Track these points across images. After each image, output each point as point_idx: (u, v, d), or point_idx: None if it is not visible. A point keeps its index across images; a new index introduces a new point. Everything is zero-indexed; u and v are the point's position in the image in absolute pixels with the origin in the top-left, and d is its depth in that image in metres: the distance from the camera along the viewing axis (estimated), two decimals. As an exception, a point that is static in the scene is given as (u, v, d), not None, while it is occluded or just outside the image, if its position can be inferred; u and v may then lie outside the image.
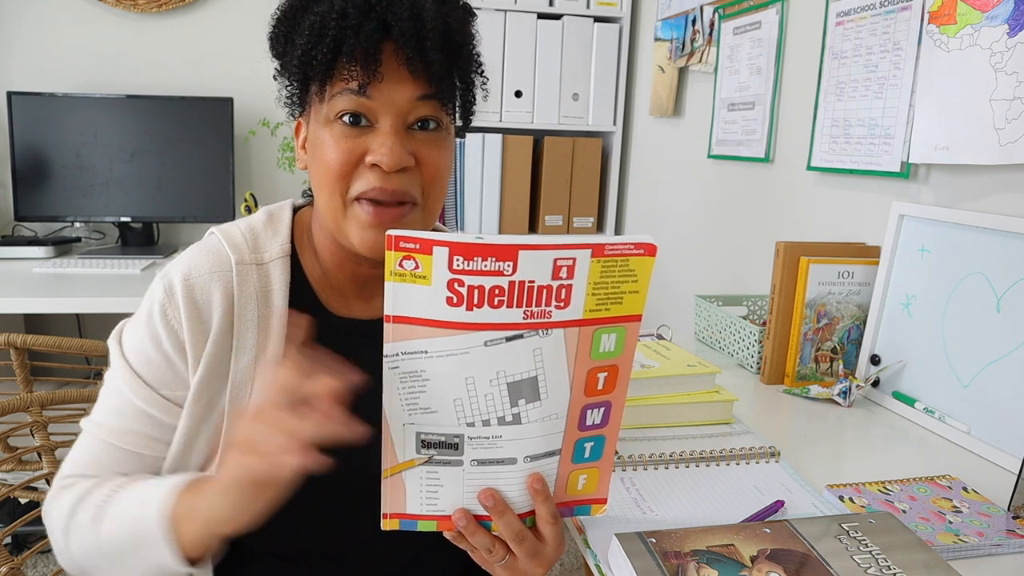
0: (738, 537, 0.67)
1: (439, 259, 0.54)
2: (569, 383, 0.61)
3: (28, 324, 2.26)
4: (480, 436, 0.61)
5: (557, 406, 0.62)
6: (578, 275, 0.56)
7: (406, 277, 0.55)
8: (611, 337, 0.60)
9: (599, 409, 0.63)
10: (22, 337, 1.39)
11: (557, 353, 0.59)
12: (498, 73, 2.24)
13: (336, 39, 0.66)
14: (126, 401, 0.73)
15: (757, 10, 1.62)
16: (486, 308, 0.55)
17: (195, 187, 2.15)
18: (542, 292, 0.56)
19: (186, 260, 0.74)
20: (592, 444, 0.65)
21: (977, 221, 1.01)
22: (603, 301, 0.58)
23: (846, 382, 1.12)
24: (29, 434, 1.13)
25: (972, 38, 1.04)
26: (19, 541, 1.94)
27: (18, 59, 2.18)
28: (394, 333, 0.57)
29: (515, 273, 0.55)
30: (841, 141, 1.34)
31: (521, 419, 0.61)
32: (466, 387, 0.59)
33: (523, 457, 0.63)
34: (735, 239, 1.77)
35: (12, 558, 0.95)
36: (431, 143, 0.71)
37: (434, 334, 0.56)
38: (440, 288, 0.55)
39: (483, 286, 0.55)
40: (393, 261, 0.54)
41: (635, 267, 0.58)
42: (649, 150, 2.25)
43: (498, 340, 0.57)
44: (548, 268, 0.55)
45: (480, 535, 0.65)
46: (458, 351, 0.57)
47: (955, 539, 0.72)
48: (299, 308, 0.76)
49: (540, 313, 0.57)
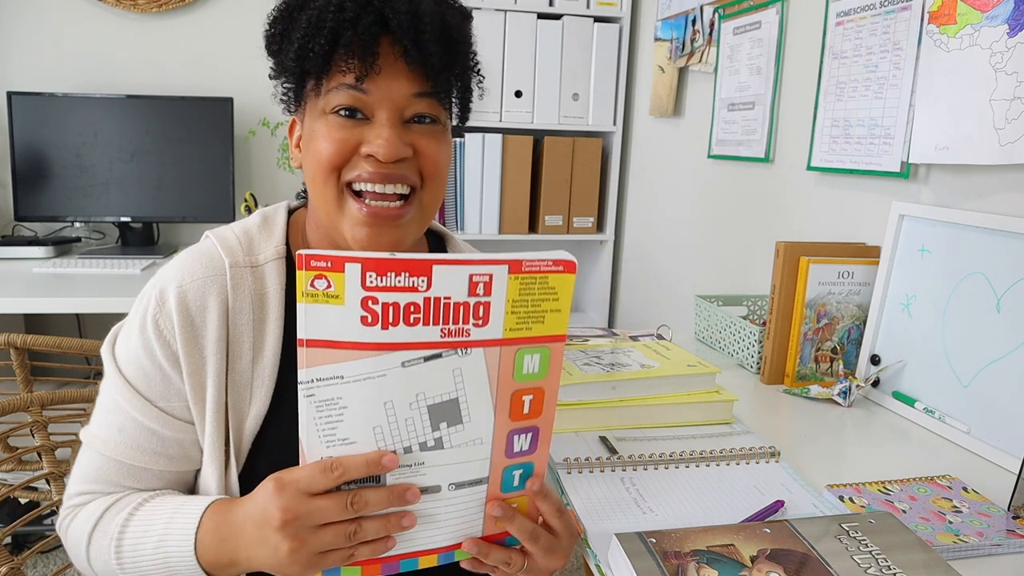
0: (738, 537, 0.67)
1: (351, 276, 0.52)
2: (492, 406, 0.59)
3: (28, 324, 2.26)
4: (402, 464, 0.58)
5: (480, 430, 0.59)
6: (496, 292, 0.55)
7: (318, 297, 0.53)
8: (534, 358, 0.58)
9: (526, 435, 0.61)
10: (22, 337, 1.39)
11: (478, 374, 0.57)
12: (498, 73, 2.24)
13: (333, 31, 0.66)
14: (125, 415, 0.72)
15: (757, 10, 1.62)
16: (402, 326, 0.54)
17: (195, 187, 2.15)
18: (459, 309, 0.55)
19: (179, 266, 0.74)
20: (520, 472, 0.63)
21: (977, 221, 1.01)
22: (524, 320, 0.57)
23: (846, 382, 1.12)
24: (29, 434, 1.13)
25: (972, 38, 1.04)
26: (19, 541, 1.94)
27: (18, 59, 2.18)
28: (308, 358, 0.54)
29: (430, 289, 0.53)
30: (841, 141, 1.34)
31: (444, 443, 0.58)
32: (385, 412, 0.56)
33: (448, 484, 0.60)
34: (735, 239, 1.77)
35: (12, 558, 0.95)
36: (429, 135, 0.71)
37: (349, 357, 0.54)
38: (354, 307, 0.53)
39: (398, 303, 0.53)
40: (305, 281, 0.52)
41: (555, 284, 0.56)
42: (649, 150, 2.25)
43: (416, 360, 0.55)
44: (464, 284, 0.54)
45: (494, 552, 0.64)
46: (375, 374, 0.55)
47: (955, 539, 0.72)
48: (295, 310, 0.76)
49: (458, 331, 0.55)
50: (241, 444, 0.73)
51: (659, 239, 2.19)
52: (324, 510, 0.57)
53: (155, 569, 0.67)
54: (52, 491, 1.10)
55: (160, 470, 0.73)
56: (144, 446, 0.72)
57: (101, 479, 0.73)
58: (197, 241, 0.78)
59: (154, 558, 0.67)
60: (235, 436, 0.72)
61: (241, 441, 0.73)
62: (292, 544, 0.57)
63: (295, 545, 0.57)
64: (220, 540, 0.65)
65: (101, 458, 0.73)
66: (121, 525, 0.69)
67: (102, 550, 0.69)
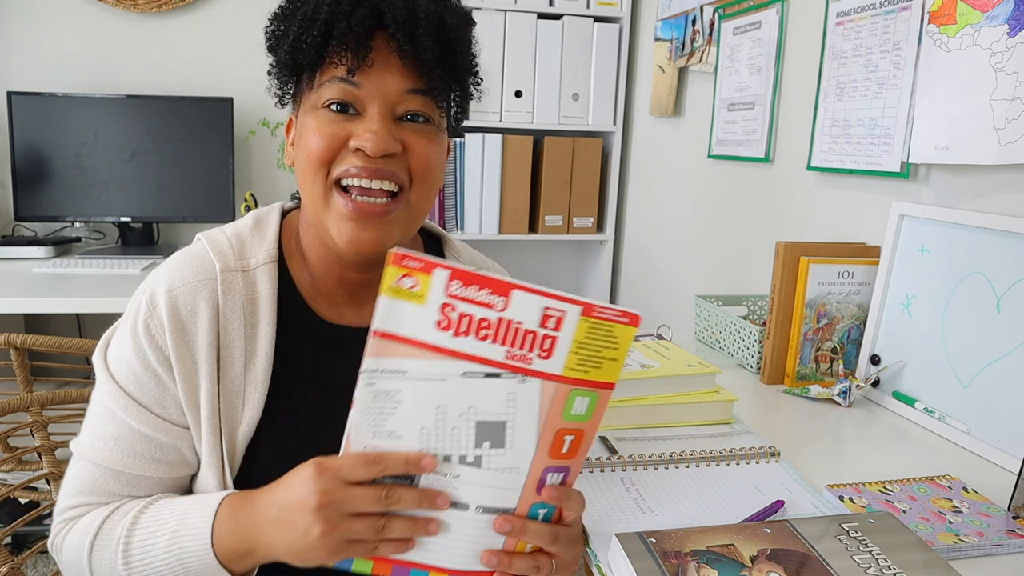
0: (738, 537, 0.67)
1: (437, 281, 0.55)
2: (536, 438, 0.59)
3: (28, 324, 2.26)
4: (439, 472, 0.59)
5: (520, 459, 0.60)
6: (565, 329, 0.57)
7: (402, 294, 0.55)
8: (584, 401, 0.59)
9: (559, 474, 0.62)
10: (22, 337, 1.39)
11: (530, 404, 0.58)
12: (498, 73, 2.24)
13: (327, 23, 0.66)
14: (119, 423, 0.71)
15: (757, 10, 1.62)
16: (472, 338, 0.56)
17: (195, 187, 2.15)
18: (527, 337, 0.56)
19: (169, 269, 0.73)
20: (545, 512, 0.63)
21: (977, 221, 1.01)
22: (584, 362, 0.58)
23: (846, 382, 1.12)
24: (29, 434, 1.13)
25: (972, 38, 1.04)
26: (19, 541, 1.94)
27: (18, 59, 2.18)
28: (377, 348, 0.56)
29: (505, 310, 0.56)
30: (841, 141, 1.34)
31: (482, 463, 0.59)
32: (436, 416, 0.58)
33: (475, 506, 0.60)
34: (735, 239, 1.77)
35: (12, 558, 0.95)
36: (420, 133, 0.70)
37: (417, 355, 0.56)
38: (432, 310, 0.55)
39: (473, 316, 0.55)
40: (392, 277, 0.55)
41: (618, 335, 0.58)
42: (649, 150, 2.25)
43: (476, 374, 0.57)
44: (537, 314, 0.56)
45: (519, 561, 0.63)
46: (436, 377, 0.57)
47: (955, 539, 0.72)
48: (288, 315, 0.75)
49: (521, 357, 0.57)
50: (235, 451, 0.72)
51: (659, 239, 2.19)
52: (360, 499, 0.58)
53: (167, 567, 0.66)
54: (52, 491, 1.10)
55: (159, 477, 0.72)
56: (142, 454, 0.71)
57: (97, 490, 0.71)
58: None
59: (167, 555, 0.66)
60: (228, 442, 0.71)
61: (235, 448, 0.72)
62: (324, 527, 0.58)
63: (326, 529, 0.58)
64: (239, 528, 0.64)
65: (97, 468, 0.71)
66: (128, 528, 0.68)
67: (106, 558, 0.68)
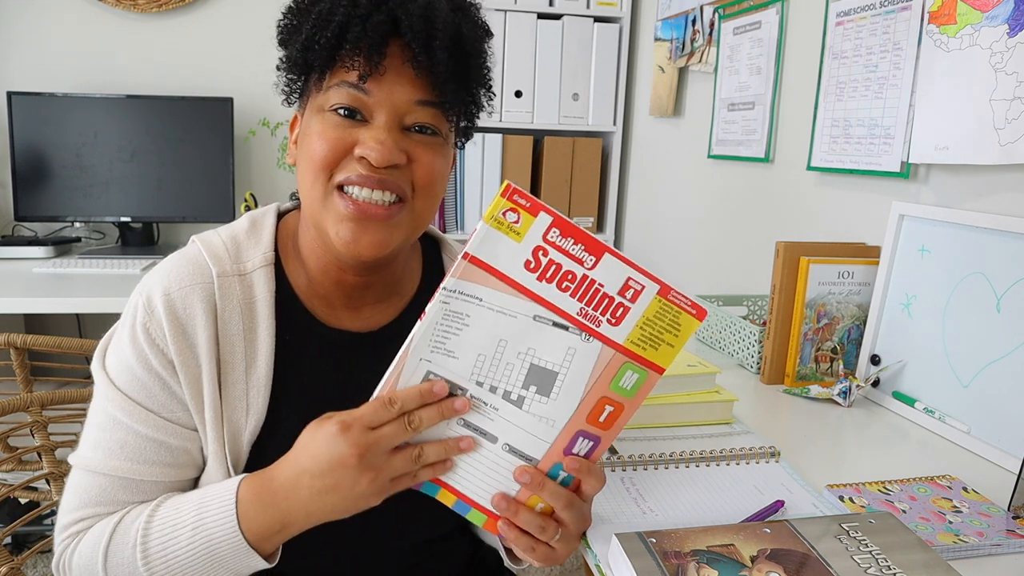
0: (738, 537, 0.67)
1: (539, 224, 0.58)
2: (580, 398, 0.61)
3: (28, 324, 2.26)
4: (481, 399, 0.62)
5: (559, 413, 0.62)
6: (639, 303, 0.59)
7: (502, 226, 0.58)
8: (633, 376, 0.61)
9: (589, 442, 0.63)
10: (22, 337, 1.39)
11: (586, 363, 0.61)
12: (498, 73, 2.24)
13: (342, 25, 0.64)
14: (126, 430, 0.69)
15: (757, 10, 1.62)
16: (553, 286, 0.59)
17: (195, 187, 2.15)
18: (604, 300, 0.59)
19: (164, 272, 0.71)
20: (564, 477, 0.64)
21: (977, 221, 1.01)
22: (645, 339, 0.60)
23: (846, 382, 1.12)
24: (29, 434, 1.13)
25: (972, 38, 1.04)
26: (19, 541, 1.94)
27: (18, 59, 2.18)
28: (463, 271, 0.59)
29: (592, 269, 0.59)
30: (841, 141, 1.34)
31: (523, 404, 0.62)
32: (495, 347, 0.61)
33: (503, 443, 0.63)
34: (735, 239, 1.77)
35: (12, 558, 0.95)
36: (426, 145, 0.69)
37: (497, 287, 0.59)
38: (526, 249, 0.58)
39: (561, 265, 0.59)
40: (498, 208, 0.58)
41: (682, 323, 0.61)
42: (649, 150, 2.25)
43: (546, 320, 0.60)
44: (620, 281, 0.59)
45: (525, 512, 0.64)
46: (509, 312, 0.60)
47: (955, 539, 0.72)
48: (285, 318, 0.74)
49: (593, 318, 0.60)
50: (240, 454, 0.71)
51: (659, 239, 2.19)
52: (389, 436, 0.61)
53: (193, 560, 0.65)
54: (52, 491, 1.10)
55: (168, 480, 0.71)
56: (152, 459, 0.69)
57: (103, 501, 0.69)
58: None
59: (191, 547, 0.65)
60: (231, 446, 0.71)
61: (239, 451, 0.71)
62: (371, 475, 0.61)
63: (372, 476, 0.61)
64: (266, 507, 0.64)
65: (102, 479, 0.69)
66: (143, 528, 0.66)
67: (124, 562, 0.66)
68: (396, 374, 0.62)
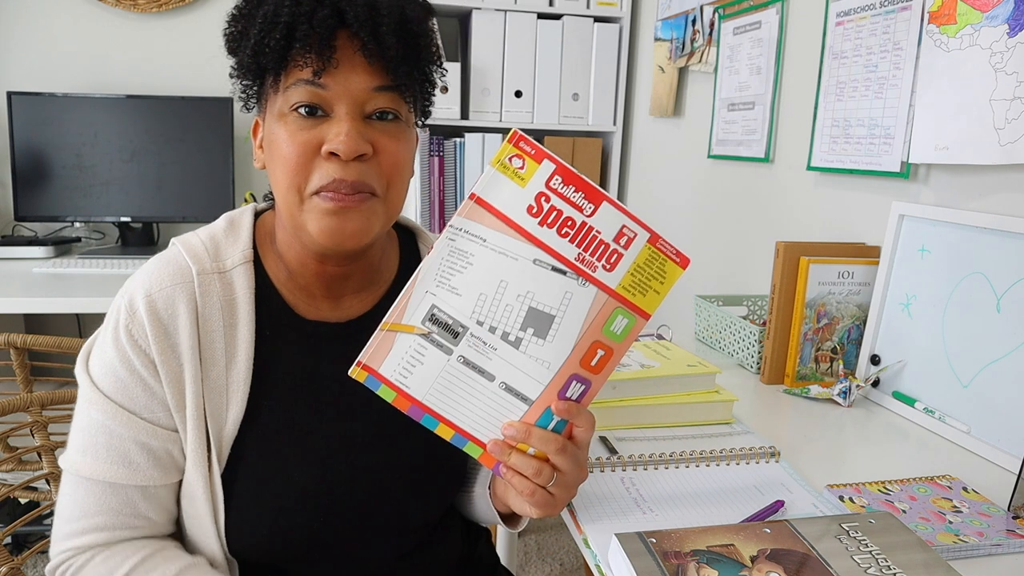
0: (738, 537, 0.67)
1: (543, 170, 0.61)
2: (575, 341, 0.64)
3: (28, 324, 2.26)
4: (480, 338, 0.64)
5: (554, 356, 0.64)
6: (631, 250, 0.63)
7: (508, 171, 0.61)
8: (623, 321, 0.64)
9: (581, 386, 0.65)
10: (22, 337, 1.39)
11: (581, 307, 0.63)
12: (498, 73, 2.24)
13: (289, 25, 0.65)
14: (109, 433, 0.70)
15: (757, 10, 1.62)
16: (553, 231, 0.62)
17: (195, 187, 2.15)
18: (600, 246, 0.62)
19: (145, 275, 0.72)
20: (556, 423, 0.66)
21: (977, 221, 1.01)
22: (635, 285, 0.64)
23: (846, 382, 1.12)
24: (29, 434, 1.13)
25: (972, 38, 1.04)
26: (19, 541, 1.94)
27: (18, 59, 2.18)
28: (469, 211, 0.62)
29: (591, 217, 0.62)
30: (841, 141, 1.34)
31: (520, 346, 0.64)
32: (496, 288, 0.63)
33: (500, 381, 0.65)
34: (735, 239, 1.77)
35: (12, 558, 0.95)
36: (389, 133, 0.70)
37: (500, 229, 0.62)
38: (529, 194, 0.61)
39: (561, 212, 0.61)
40: (505, 154, 0.61)
41: (667, 271, 0.64)
42: (649, 150, 2.25)
43: (545, 264, 0.62)
44: (615, 228, 0.62)
45: (519, 457, 0.65)
46: (510, 254, 0.62)
47: (955, 539, 0.72)
48: (266, 313, 0.75)
49: (589, 263, 0.63)
50: (222, 449, 0.72)
51: (659, 239, 2.19)
52: None
53: None
54: (52, 491, 1.10)
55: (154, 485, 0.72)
56: (136, 461, 0.70)
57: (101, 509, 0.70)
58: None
59: None
60: (215, 442, 0.72)
61: (222, 446, 0.72)
62: None
63: None
64: None
65: (95, 485, 0.70)
66: None
67: None
68: (404, 304, 0.63)
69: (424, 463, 0.80)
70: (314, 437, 0.76)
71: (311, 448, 0.75)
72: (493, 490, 0.81)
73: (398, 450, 0.78)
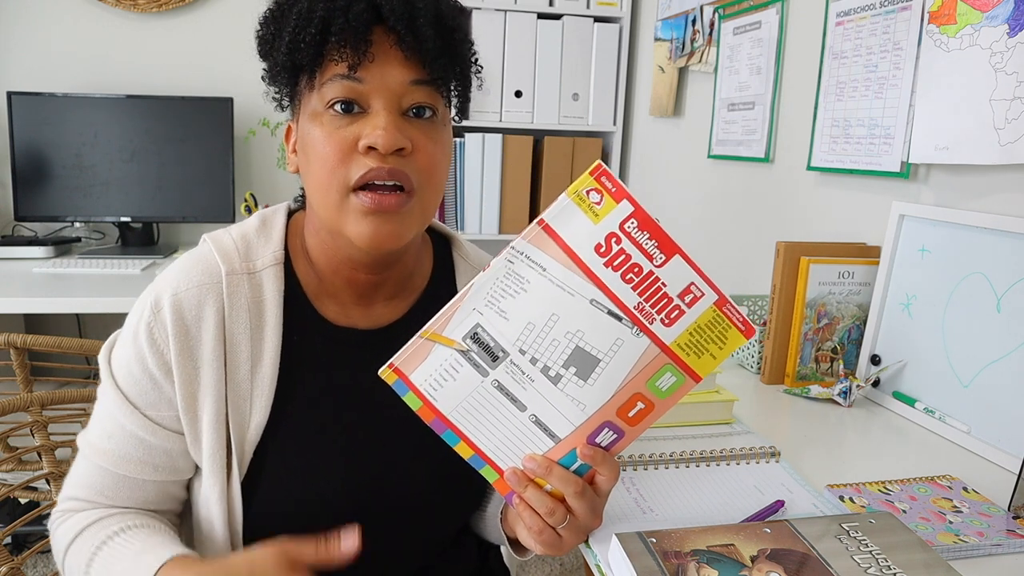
0: (738, 537, 0.67)
1: (620, 211, 0.59)
2: (616, 389, 0.62)
3: (28, 324, 2.26)
4: (519, 367, 0.62)
5: (592, 399, 0.62)
6: (695, 308, 0.61)
7: (583, 204, 0.59)
8: (671, 379, 0.62)
9: (613, 434, 0.64)
10: (22, 337, 1.39)
11: (630, 356, 0.61)
12: (498, 73, 2.24)
13: (324, 20, 0.64)
14: (114, 422, 0.72)
15: (757, 10, 1.62)
16: (617, 275, 0.60)
17: (195, 187, 2.15)
18: (663, 299, 0.60)
19: (175, 272, 0.72)
20: (578, 466, 0.64)
21: (977, 221, 1.01)
22: (692, 345, 0.61)
23: (846, 382, 1.12)
24: (29, 434, 1.13)
25: (972, 38, 1.04)
26: (19, 541, 1.94)
27: (18, 59, 2.18)
28: (535, 238, 0.60)
29: (660, 268, 0.60)
30: (841, 141, 1.34)
31: (559, 382, 0.62)
32: (546, 320, 0.61)
33: (530, 413, 0.63)
34: (735, 239, 1.77)
35: (12, 558, 0.95)
36: (426, 133, 0.69)
37: (563, 261, 0.60)
38: (600, 232, 0.59)
39: (630, 256, 0.60)
40: (583, 185, 0.59)
41: (729, 337, 0.62)
42: (649, 150, 2.25)
43: (602, 307, 0.60)
44: (682, 285, 0.60)
45: (533, 491, 0.64)
46: (567, 288, 0.60)
47: (955, 539, 0.72)
48: (293, 318, 0.74)
49: (648, 315, 0.60)
50: (244, 455, 0.72)
51: (659, 239, 2.19)
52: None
53: None
54: (52, 491, 1.10)
55: (145, 479, 0.72)
56: (131, 454, 0.71)
57: (89, 485, 0.73)
58: (197, 241, 0.77)
59: None
60: (237, 447, 0.71)
61: (244, 452, 0.72)
62: None
63: None
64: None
65: (92, 465, 0.73)
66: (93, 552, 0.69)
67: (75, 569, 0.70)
68: (448, 315, 0.62)
69: (446, 479, 0.78)
70: (337, 446, 0.75)
71: (334, 457, 0.74)
72: (504, 516, 0.79)
73: (421, 464, 0.77)
